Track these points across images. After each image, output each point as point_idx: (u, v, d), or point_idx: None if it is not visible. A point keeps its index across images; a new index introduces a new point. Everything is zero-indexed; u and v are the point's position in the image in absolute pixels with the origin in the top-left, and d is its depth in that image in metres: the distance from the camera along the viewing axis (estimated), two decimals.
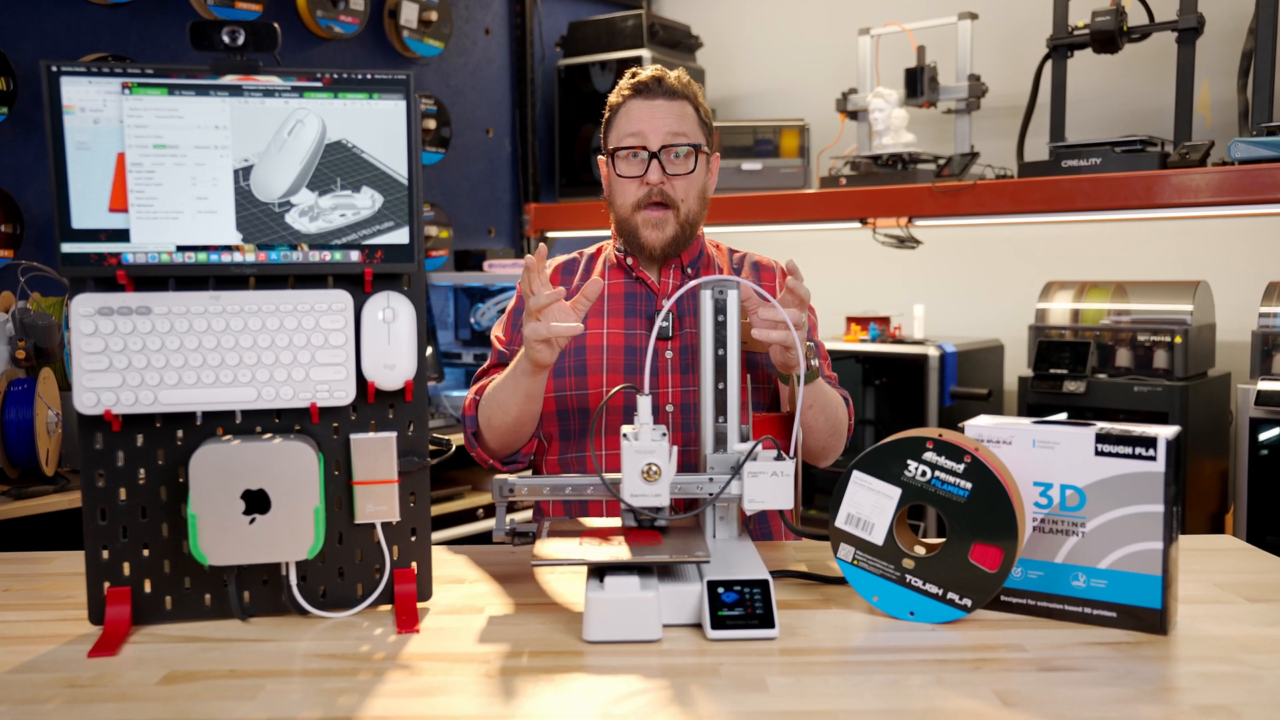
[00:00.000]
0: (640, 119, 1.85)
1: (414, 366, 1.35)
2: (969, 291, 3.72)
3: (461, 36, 3.85)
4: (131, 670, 1.18)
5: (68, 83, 1.22)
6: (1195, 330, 2.91)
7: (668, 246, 1.86)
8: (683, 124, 1.85)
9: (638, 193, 1.85)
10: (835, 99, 3.61)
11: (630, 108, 1.87)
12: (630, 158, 1.85)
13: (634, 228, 1.86)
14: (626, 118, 1.87)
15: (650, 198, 1.84)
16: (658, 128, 1.83)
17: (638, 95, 1.87)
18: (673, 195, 1.84)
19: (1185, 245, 3.33)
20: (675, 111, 1.86)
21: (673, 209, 1.83)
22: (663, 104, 1.85)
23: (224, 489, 1.27)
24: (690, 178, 1.85)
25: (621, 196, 1.88)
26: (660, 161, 1.82)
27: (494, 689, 1.12)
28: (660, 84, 1.87)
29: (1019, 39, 3.54)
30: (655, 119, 1.84)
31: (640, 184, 1.84)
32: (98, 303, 1.26)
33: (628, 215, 1.87)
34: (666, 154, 1.83)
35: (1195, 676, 1.14)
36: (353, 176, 1.30)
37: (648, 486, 1.36)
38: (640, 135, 1.84)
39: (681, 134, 1.84)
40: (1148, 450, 1.25)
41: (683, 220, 1.84)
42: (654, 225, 1.83)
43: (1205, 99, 3.13)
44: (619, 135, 1.87)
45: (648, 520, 1.40)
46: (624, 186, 1.87)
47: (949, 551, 1.30)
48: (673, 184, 1.84)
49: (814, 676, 1.15)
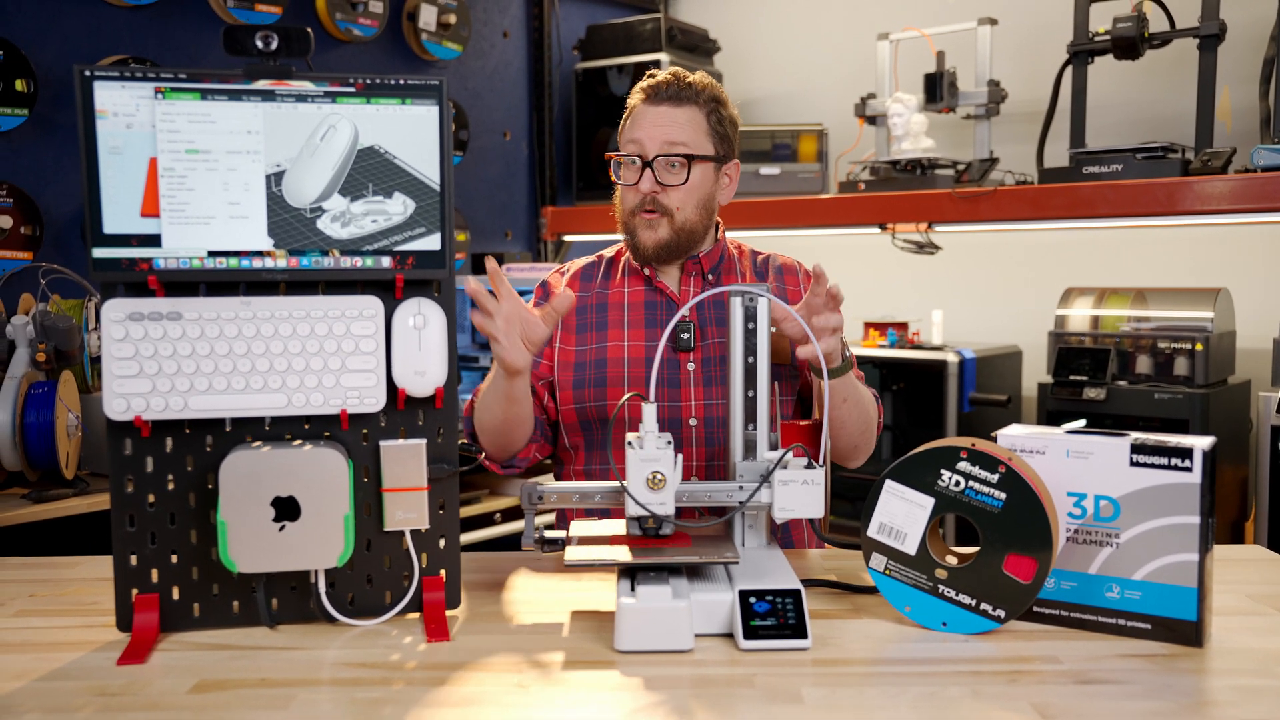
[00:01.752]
0: (641, 126, 1.85)
1: (445, 373, 1.34)
2: (986, 297, 3.70)
3: (479, 39, 3.85)
4: (161, 679, 1.18)
5: (100, 87, 1.21)
6: (1216, 337, 2.90)
7: (660, 249, 1.86)
8: (683, 132, 1.84)
9: (633, 199, 1.86)
10: (853, 104, 3.60)
11: (637, 114, 1.88)
12: (629, 164, 1.86)
13: (632, 229, 1.88)
14: (633, 124, 1.88)
15: (644, 205, 1.84)
16: (655, 136, 1.83)
17: (646, 100, 1.87)
18: (666, 204, 1.84)
19: (1204, 252, 3.31)
20: (678, 119, 1.85)
21: (666, 216, 1.83)
22: (666, 110, 1.85)
23: (254, 496, 1.26)
24: (685, 188, 1.84)
25: (623, 201, 1.90)
26: (654, 171, 1.82)
27: (529, 700, 1.12)
28: (668, 89, 1.86)
29: (1038, 44, 3.53)
30: (655, 127, 1.84)
31: (635, 191, 1.85)
32: (128, 308, 1.26)
33: (627, 218, 1.89)
34: (660, 164, 1.82)
35: (1233, 690, 1.13)
36: (385, 182, 1.29)
37: (652, 495, 1.35)
38: (638, 143, 1.84)
39: (679, 143, 1.83)
40: (1184, 461, 1.24)
41: (678, 227, 1.84)
42: (648, 226, 1.84)
43: (1226, 106, 3.11)
44: (623, 140, 1.89)
45: (652, 529, 1.39)
46: (623, 192, 1.89)
47: (982, 562, 1.29)
48: (667, 194, 1.84)
49: (849, 688, 1.14)
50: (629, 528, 1.40)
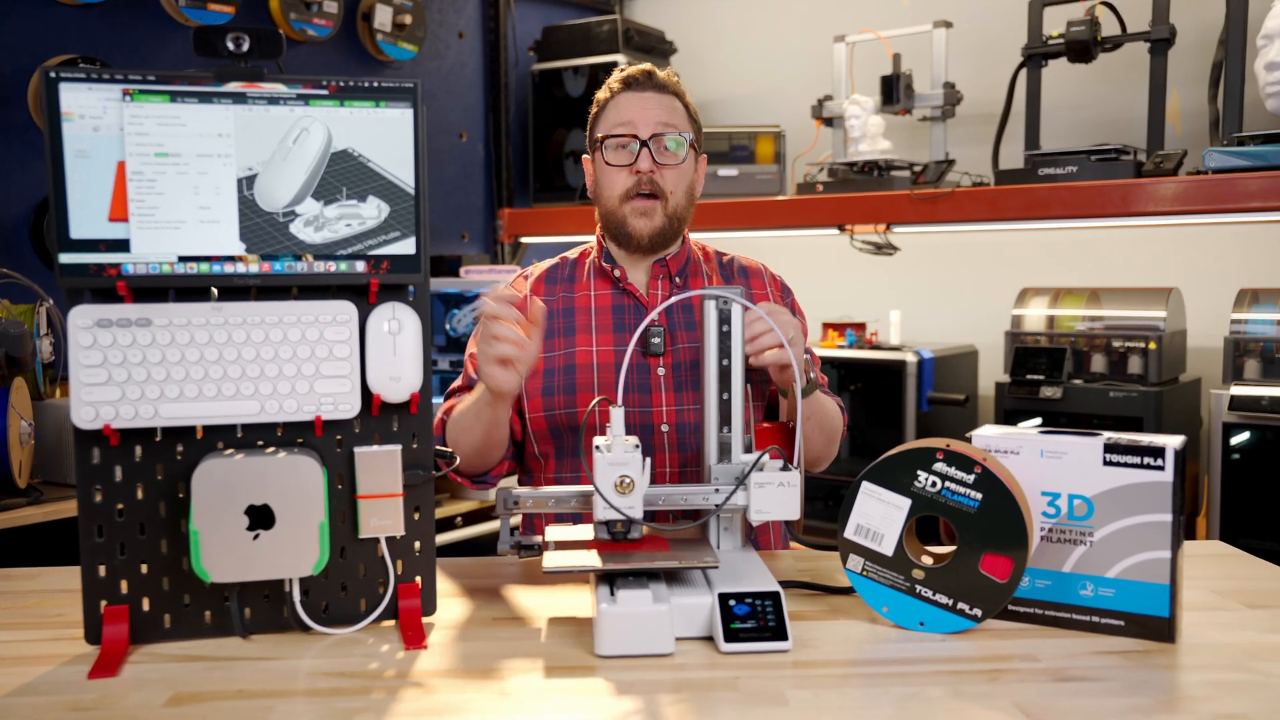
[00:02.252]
0: (631, 109, 1.85)
1: (420, 379, 1.33)
2: (942, 297, 3.74)
3: (435, 40, 3.82)
4: (135, 692, 1.15)
5: (67, 89, 1.19)
6: (1168, 336, 2.96)
7: (655, 237, 1.85)
8: (673, 116, 1.85)
9: (626, 182, 1.84)
10: (810, 106, 3.62)
11: (620, 100, 1.87)
12: (619, 147, 1.84)
13: (621, 219, 1.85)
14: (616, 109, 1.87)
15: (639, 187, 1.83)
16: (648, 118, 1.83)
17: (628, 89, 1.87)
18: (662, 185, 1.83)
19: (1155, 252, 3.38)
20: (665, 104, 1.86)
21: (661, 199, 1.82)
22: (653, 96, 1.86)
23: (227, 504, 1.24)
24: (680, 169, 1.85)
25: (609, 187, 1.86)
26: (650, 150, 1.82)
27: (513, 707, 1.11)
28: (650, 78, 1.87)
29: (991, 47, 3.58)
30: (646, 109, 1.84)
31: (630, 173, 1.83)
32: (96, 314, 1.23)
33: (615, 206, 1.85)
34: (657, 143, 1.82)
35: (1208, 685, 1.15)
36: (359, 186, 1.28)
37: (621, 499, 1.34)
38: (631, 124, 1.83)
39: (672, 125, 1.84)
40: (1156, 460, 1.26)
41: (670, 213, 1.84)
42: (642, 214, 1.82)
43: (1175, 108, 3.18)
44: (609, 125, 1.86)
45: (620, 533, 1.39)
46: (613, 176, 1.85)
47: (959, 562, 1.30)
48: (662, 174, 1.83)
49: (831, 690, 1.14)
50: (597, 532, 1.40)
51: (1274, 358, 2.79)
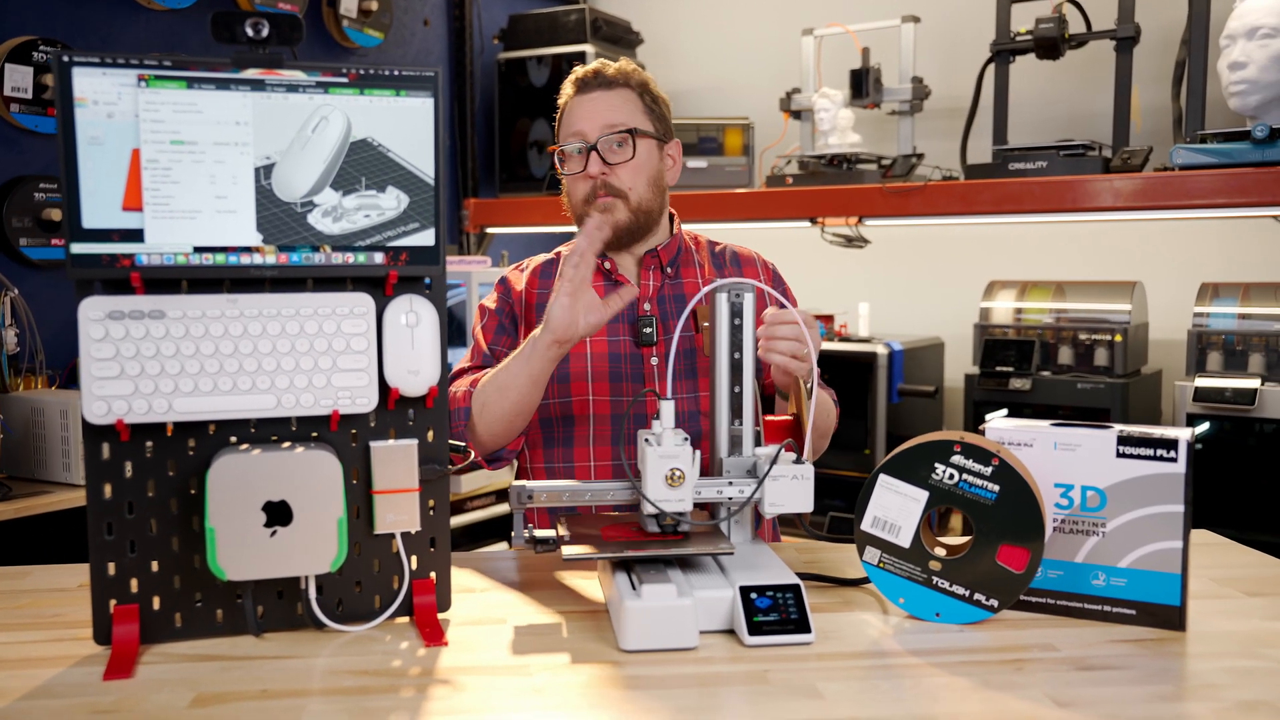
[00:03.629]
0: (578, 116, 1.86)
1: (438, 372, 1.31)
2: (908, 290, 3.78)
3: (400, 27, 3.77)
4: (155, 693, 1.12)
5: (80, 74, 1.15)
6: (1133, 329, 3.02)
7: (620, 232, 1.86)
8: (619, 113, 1.85)
9: (585, 188, 1.85)
10: (777, 98, 3.63)
11: (570, 106, 1.89)
12: (574, 155, 1.86)
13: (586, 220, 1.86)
14: (568, 117, 1.89)
15: (596, 191, 1.84)
16: (594, 121, 1.84)
17: (578, 93, 1.89)
18: (618, 185, 1.84)
19: (1116, 246, 3.44)
20: (612, 101, 1.86)
21: (621, 197, 1.83)
22: (599, 95, 1.86)
23: (244, 501, 1.21)
24: (633, 164, 1.85)
25: (573, 195, 1.89)
26: (599, 153, 1.82)
27: (547, 703, 1.10)
28: (597, 77, 1.88)
29: (956, 42, 3.62)
30: (591, 113, 1.85)
31: (584, 178, 1.84)
32: (108, 306, 1.19)
33: (580, 211, 1.87)
34: (604, 144, 1.83)
35: (1226, 672, 1.17)
36: (378, 176, 1.26)
37: (671, 491, 1.35)
38: (579, 133, 1.85)
39: (617, 122, 1.84)
40: (1169, 452, 1.29)
41: (634, 207, 1.84)
42: (604, 210, 1.83)
43: (1135, 105, 3.23)
44: (563, 134, 1.89)
45: (670, 526, 1.39)
46: (572, 184, 1.88)
47: (976, 553, 1.31)
48: (615, 173, 1.84)
49: (861, 681, 1.15)
50: (645, 524, 1.39)
51: (1235, 350, 2.86)
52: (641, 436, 1.39)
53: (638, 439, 1.41)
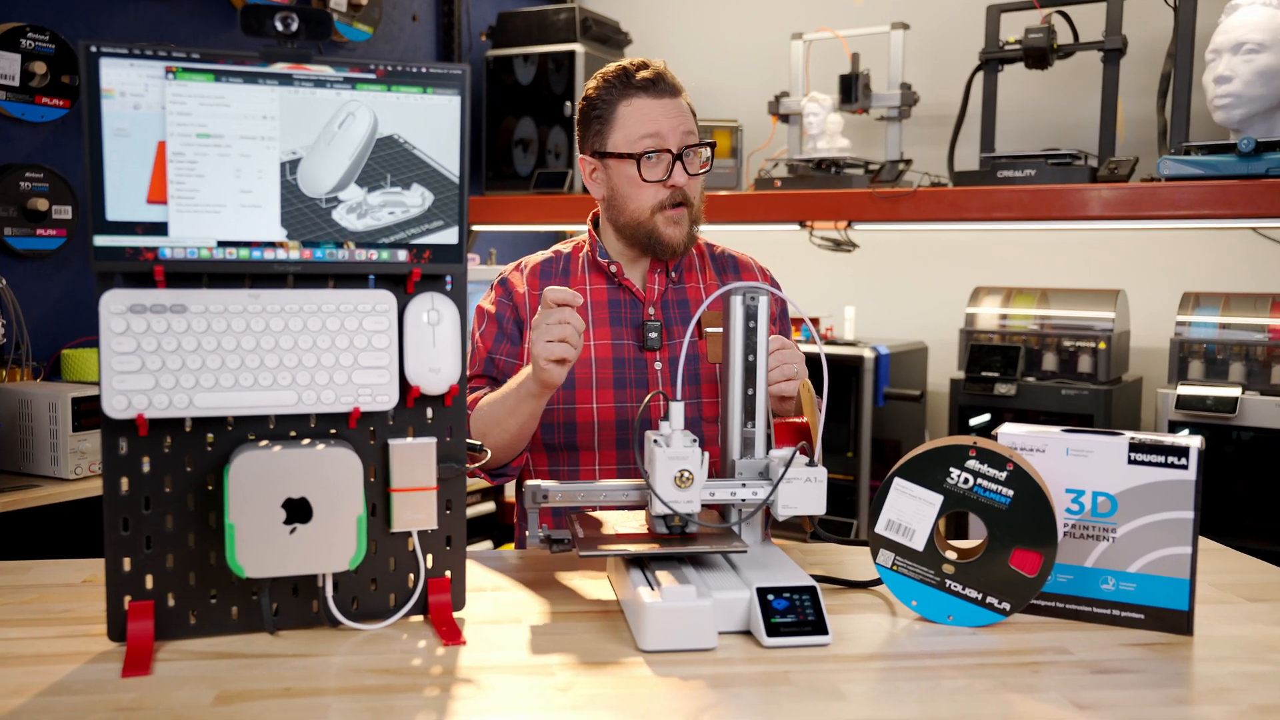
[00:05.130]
0: (656, 118, 1.81)
1: (458, 370, 1.31)
2: (892, 294, 3.81)
3: (389, 23, 3.75)
4: (177, 690, 1.11)
5: (107, 64, 1.14)
6: (1116, 336, 3.06)
7: (685, 243, 1.86)
8: (691, 122, 1.85)
9: (659, 195, 1.81)
10: (766, 102, 3.65)
11: (641, 107, 1.82)
12: (653, 160, 1.81)
13: (652, 228, 1.83)
14: (638, 117, 1.82)
15: (673, 199, 1.82)
16: (675, 128, 1.81)
17: (644, 92, 1.82)
18: (690, 195, 1.84)
19: (1099, 255, 3.49)
20: (684, 110, 1.85)
21: (688, 209, 1.83)
22: (673, 103, 1.84)
23: (265, 498, 1.21)
24: (701, 179, 1.87)
25: (638, 200, 1.82)
26: (683, 164, 1.81)
27: (575, 702, 1.10)
28: (662, 81, 1.84)
29: (943, 49, 3.65)
30: (671, 118, 1.81)
31: (662, 187, 1.81)
32: (129, 299, 1.18)
33: (645, 217, 1.82)
34: (688, 155, 1.82)
35: (1237, 677, 1.20)
36: (403, 173, 1.25)
37: (680, 493, 1.35)
38: (659, 136, 1.80)
39: (694, 133, 1.84)
40: (1180, 459, 1.31)
41: (693, 218, 1.85)
42: (674, 223, 1.82)
43: (1119, 116, 3.28)
44: (632, 136, 1.82)
45: (678, 527, 1.40)
46: (644, 190, 1.82)
47: (990, 556, 1.33)
48: (691, 185, 1.84)
49: (882, 683, 1.16)
50: (654, 525, 1.40)
51: (1216, 359, 2.91)
52: (650, 438, 1.40)
53: (645, 440, 1.42)
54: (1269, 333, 2.87)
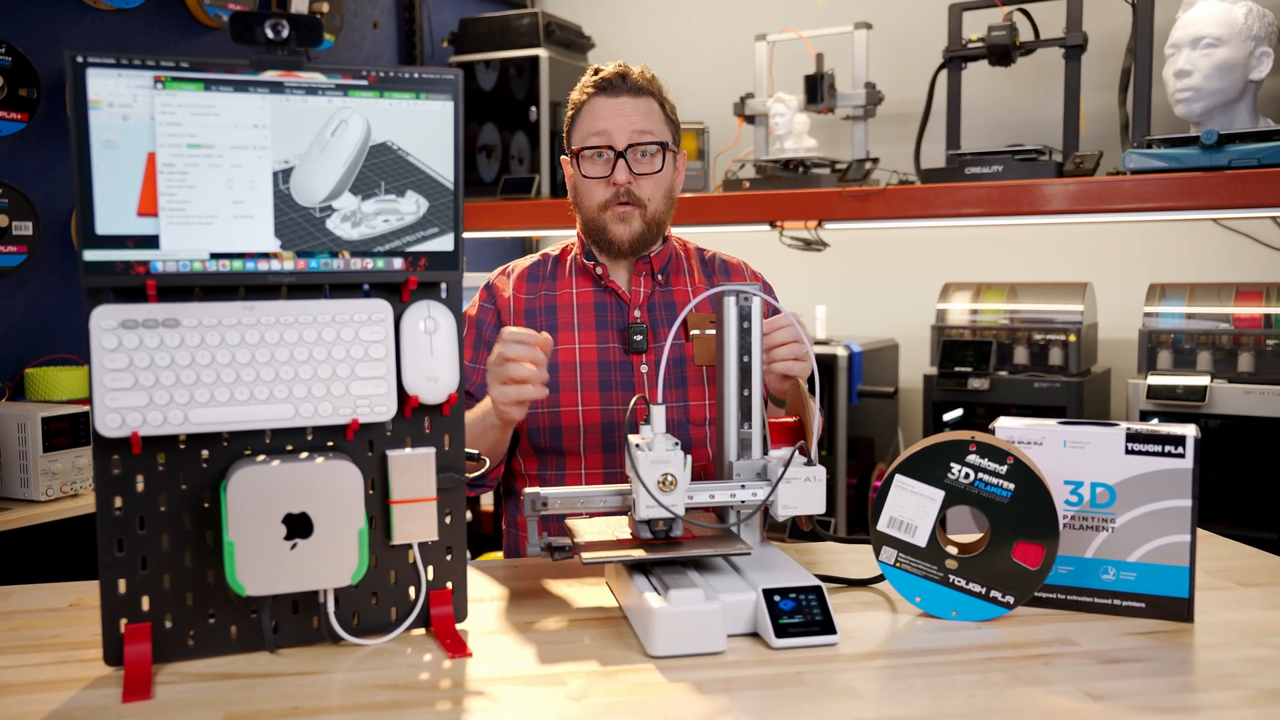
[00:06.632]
0: (604, 117, 1.82)
1: (456, 379, 1.29)
2: (862, 292, 3.83)
3: (351, 30, 3.71)
4: (182, 714, 1.09)
5: (94, 75, 1.11)
6: (1085, 329, 3.09)
7: (635, 242, 1.85)
8: (648, 121, 1.84)
9: (605, 193, 1.83)
10: (730, 103, 3.65)
11: (594, 105, 1.84)
12: (595, 158, 1.83)
13: (601, 226, 1.85)
14: (590, 116, 1.84)
15: (618, 199, 1.82)
16: (623, 125, 1.82)
17: (601, 93, 1.85)
18: (639, 195, 1.83)
19: (1065, 248, 3.53)
20: (641, 108, 1.84)
21: (639, 207, 1.82)
22: (628, 101, 1.84)
23: (264, 514, 1.18)
24: (657, 177, 1.85)
25: (588, 198, 1.85)
26: (626, 161, 1.81)
27: (589, 711, 1.09)
28: (624, 80, 1.85)
29: (906, 48, 3.67)
30: (620, 116, 1.82)
31: (607, 184, 1.82)
32: (121, 315, 1.15)
33: (595, 215, 1.85)
34: (633, 153, 1.82)
35: (1241, 661, 1.21)
36: (397, 180, 1.23)
37: (664, 497, 1.34)
38: (605, 134, 1.82)
39: (647, 131, 1.83)
40: (1177, 448, 1.32)
41: (649, 219, 1.84)
42: (621, 220, 1.82)
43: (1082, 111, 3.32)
44: (583, 134, 1.84)
45: (663, 532, 1.39)
46: (590, 187, 1.85)
47: (992, 551, 1.33)
48: (639, 183, 1.83)
49: (895, 680, 1.16)
50: (639, 530, 1.39)
51: (1183, 349, 2.95)
52: (632, 442, 1.38)
53: (628, 444, 1.41)
54: (1234, 321, 2.92)
